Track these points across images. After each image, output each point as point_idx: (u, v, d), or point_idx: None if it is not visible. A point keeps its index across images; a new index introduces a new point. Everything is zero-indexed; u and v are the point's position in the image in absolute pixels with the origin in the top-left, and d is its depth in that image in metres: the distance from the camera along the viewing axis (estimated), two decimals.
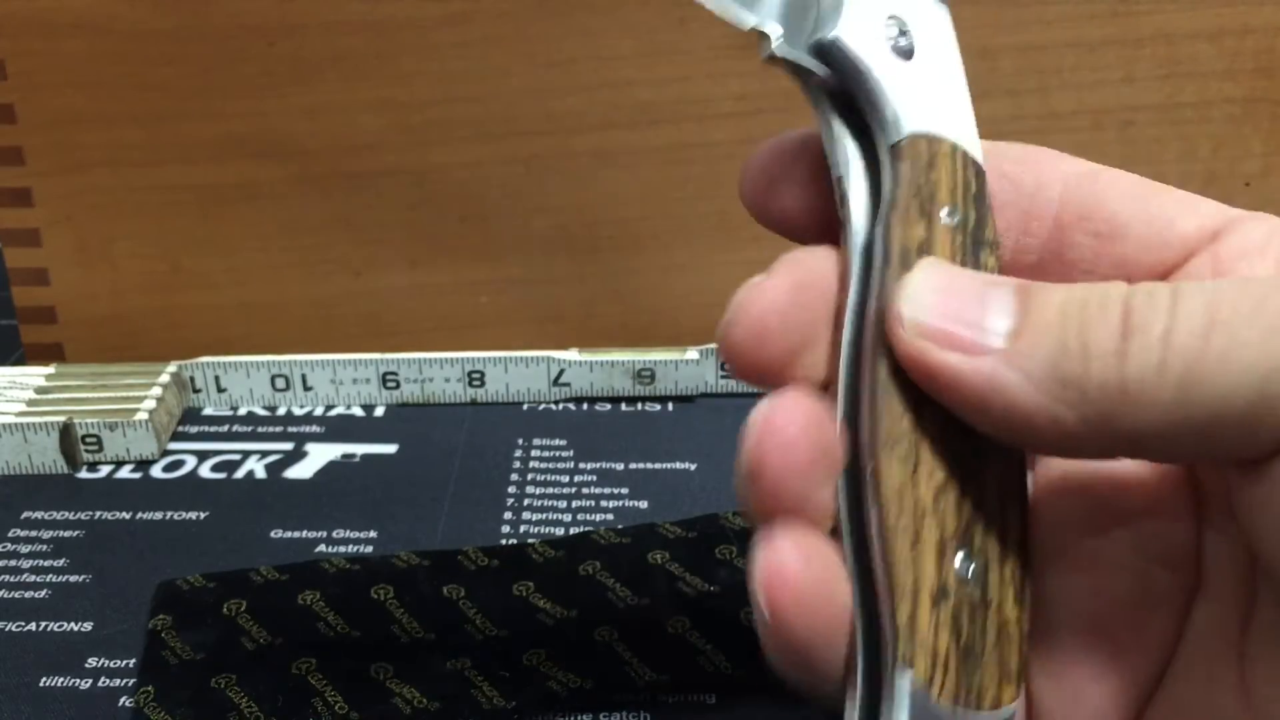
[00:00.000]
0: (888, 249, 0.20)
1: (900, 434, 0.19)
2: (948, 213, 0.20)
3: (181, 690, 0.32)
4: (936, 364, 0.18)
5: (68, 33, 0.43)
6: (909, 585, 0.19)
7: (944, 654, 0.19)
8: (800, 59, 0.21)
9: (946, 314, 0.19)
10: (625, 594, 0.35)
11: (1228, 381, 0.17)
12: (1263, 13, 0.44)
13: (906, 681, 0.19)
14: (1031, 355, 0.18)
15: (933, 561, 0.19)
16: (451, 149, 0.46)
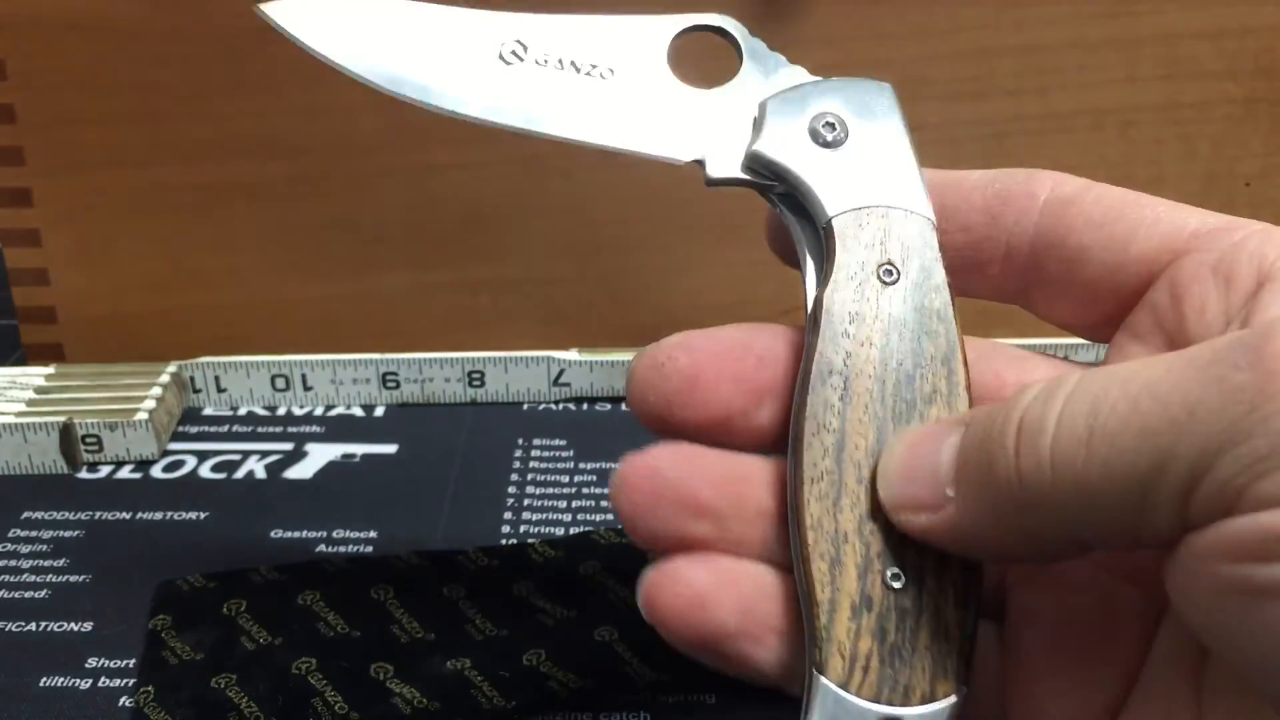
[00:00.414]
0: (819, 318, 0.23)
1: (820, 474, 0.22)
2: (885, 273, 0.24)
3: (181, 690, 0.32)
4: (915, 528, 0.21)
5: (68, 33, 0.43)
6: (826, 599, 0.22)
7: (864, 656, 0.22)
8: (735, 176, 0.26)
9: (908, 481, 0.21)
10: (625, 594, 0.35)
11: (1112, 488, 0.18)
12: (1263, 13, 0.44)
13: (820, 683, 0.22)
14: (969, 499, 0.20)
15: (854, 579, 0.22)
16: (452, 149, 0.46)
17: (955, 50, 0.44)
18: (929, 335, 0.23)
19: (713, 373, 0.23)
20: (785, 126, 0.25)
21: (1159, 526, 0.18)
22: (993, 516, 0.20)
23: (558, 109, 0.25)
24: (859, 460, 0.22)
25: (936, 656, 0.22)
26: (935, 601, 0.22)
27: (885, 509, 0.22)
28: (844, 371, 0.23)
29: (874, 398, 0.23)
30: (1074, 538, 0.19)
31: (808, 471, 0.22)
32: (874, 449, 0.23)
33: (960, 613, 0.22)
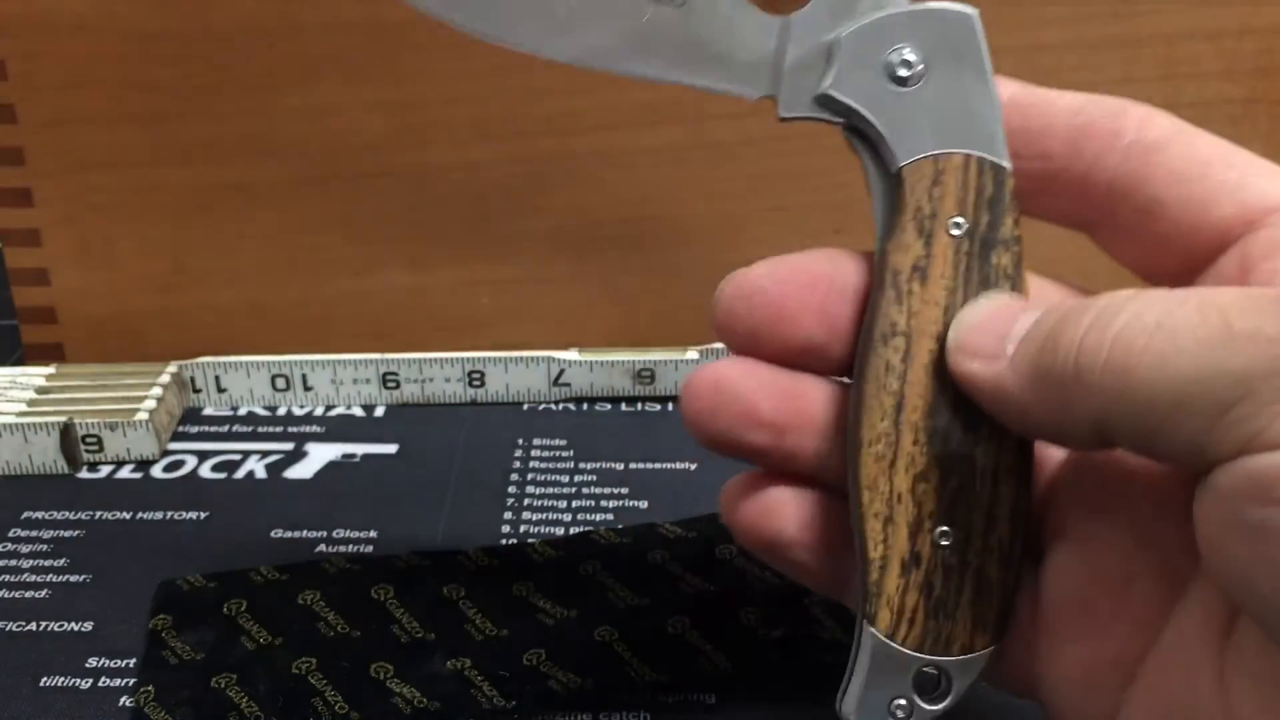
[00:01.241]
0: (882, 273, 0.23)
1: (878, 435, 0.23)
2: (955, 224, 0.23)
3: (182, 690, 0.32)
4: (962, 371, 0.22)
5: (68, 33, 0.43)
6: (879, 556, 0.23)
7: (911, 609, 0.23)
8: (808, 113, 0.24)
9: (978, 331, 0.22)
10: (625, 594, 0.35)
11: (1156, 381, 0.18)
12: (1262, 13, 0.44)
13: (869, 633, 0.23)
14: (1024, 356, 0.21)
15: (905, 537, 0.23)
16: (452, 149, 0.46)
17: None
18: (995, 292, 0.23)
19: (797, 305, 0.24)
20: (859, 63, 0.23)
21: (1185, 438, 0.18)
22: (1038, 384, 0.20)
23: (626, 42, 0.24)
24: (916, 422, 0.23)
25: (977, 611, 0.23)
26: (980, 560, 0.23)
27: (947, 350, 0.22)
28: (906, 332, 0.23)
29: (934, 359, 0.23)
30: (1104, 428, 0.20)
31: (866, 434, 0.23)
32: (931, 410, 0.23)
33: (1002, 571, 0.23)
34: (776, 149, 0.46)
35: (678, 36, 0.24)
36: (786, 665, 0.32)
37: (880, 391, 0.23)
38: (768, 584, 0.35)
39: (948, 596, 0.23)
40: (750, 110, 0.45)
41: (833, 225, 0.47)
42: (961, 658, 0.23)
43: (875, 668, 0.23)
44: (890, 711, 0.24)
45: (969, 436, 0.23)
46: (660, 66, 0.24)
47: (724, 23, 0.24)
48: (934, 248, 0.23)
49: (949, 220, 0.23)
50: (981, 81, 0.23)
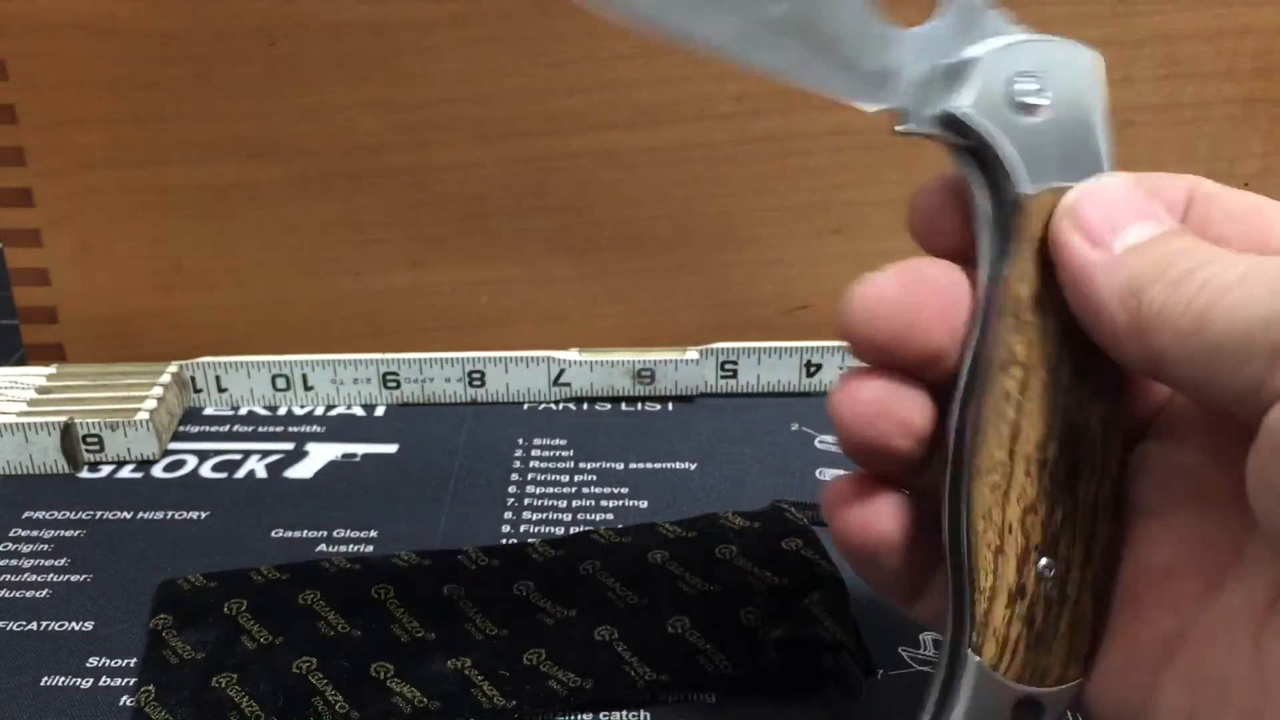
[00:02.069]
0: (1001, 301, 0.23)
1: (994, 465, 0.23)
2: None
3: (182, 689, 0.32)
4: (1063, 239, 0.23)
5: (69, 33, 0.43)
6: (988, 587, 0.23)
7: (1014, 641, 0.23)
8: (925, 131, 0.24)
9: (1097, 209, 0.23)
10: (625, 594, 0.35)
11: (1225, 325, 0.20)
12: (1261, 13, 0.44)
13: (974, 663, 0.23)
14: (1127, 264, 0.22)
15: (1014, 567, 0.23)
16: (452, 149, 0.46)
17: None
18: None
19: (931, 314, 0.24)
20: (985, 85, 0.23)
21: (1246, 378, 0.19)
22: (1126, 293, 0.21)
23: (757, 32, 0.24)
24: (1029, 454, 0.23)
25: (1072, 644, 0.24)
26: (1077, 592, 0.23)
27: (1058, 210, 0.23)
28: (1025, 363, 0.23)
29: (1049, 391, 0.23)
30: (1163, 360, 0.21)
31: (983, 462, 0.23)
32: (1043, 443, 0.23)
33: (1095, 604, 0.24)
34: (776, 149, 0.46)
35: (807, 34, 0.24)
36: (786, 665, 0.32)
37: (999, 420, 0.23)
38: (768, 584, 0.35)
39: (1047, 629, 0.23)
40: (750, 111, 0.46)
41: (832, 225, 0.47)
42: (1055, 689, 0.24)
43: (978, 698, 0.24)
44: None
45: (1074, 470, 0.23)
46: (785, 63, 0.24)
47: (851, 27, 0.24)
48: (1050, 278, 0.23)
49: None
50: (1101, 121, 0.24)
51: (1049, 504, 0.23)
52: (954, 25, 0.24)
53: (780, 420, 0.46)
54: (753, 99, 0.45)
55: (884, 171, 0.46)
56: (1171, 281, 0.21)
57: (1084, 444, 0.23)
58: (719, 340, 0.48)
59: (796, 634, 0.33)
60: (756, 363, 0.48)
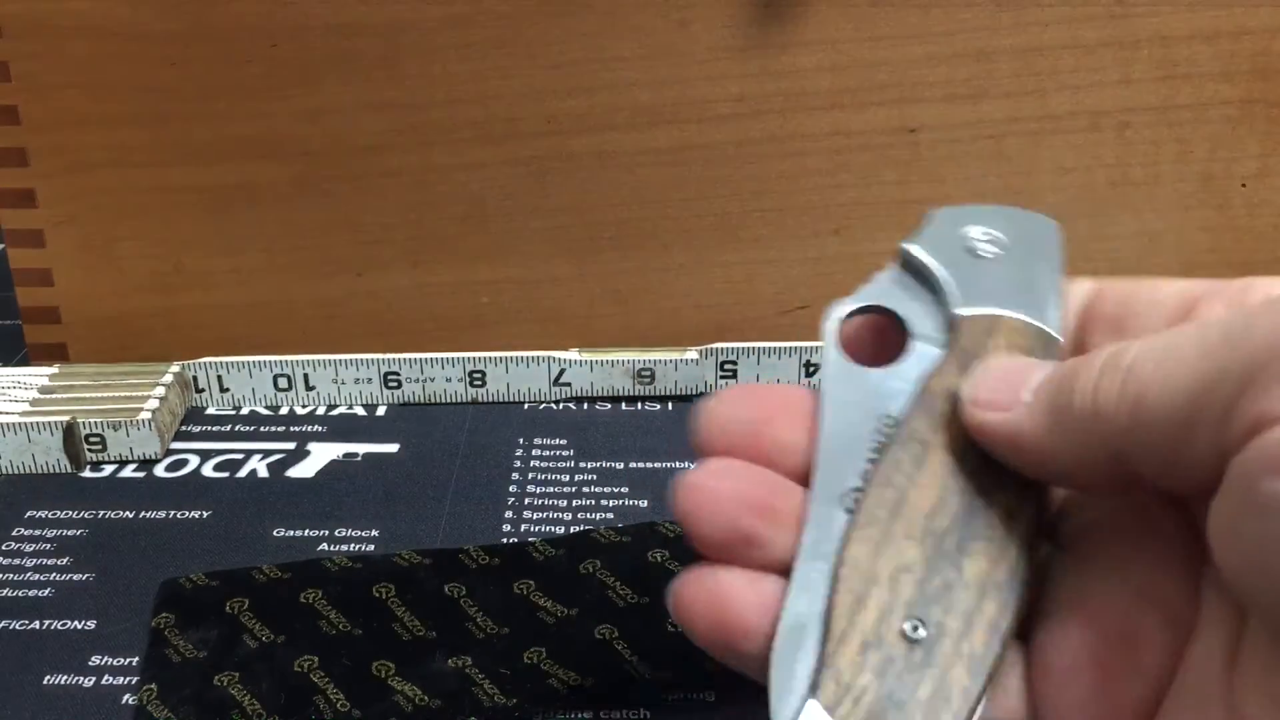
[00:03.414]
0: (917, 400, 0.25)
1: (873, 520, 0.23)
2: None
3: (184, 688, 0.32)
4: (978, 421, 0.23)
5: (71, 34, 0.44)
6: (840, 630, 0.23)
7: (859, 690, 0.22)
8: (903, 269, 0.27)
9: (992, 387, 0.23)
10: (625, 592, 0.35)
11: (1167, 398, 0.20)
12: (1259, 14, 0.44)
13: (811, 703, 0.23)
14: (1040, 402, 0.22)
15: (873, 619, 0.23)
16: (453, 150, 0.46)
17: (953, 52, 0.45)
18: None
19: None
20: (943, 233, 0.26)
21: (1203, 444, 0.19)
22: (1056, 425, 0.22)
23: None
24: (912, 520, 0.23)
25: (932, 712, 0.22)
26: (947, 663, 0.22)
27: (961, 405, 0.24)
28: (926, 441, 0.24)
29: (947, 469, 0.24)
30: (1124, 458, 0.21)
31: (863, 517, 0.23)
32: (931, 511, 0.23)
33: (967, 679, 0.22)
34: (776, 150, 0.46)
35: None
36: None
37: (885, 485, 0.24)
38: None
39: (902, 688, 0.22)
40: (750, 112, 0.46)
41: (832, 226, 0.47)
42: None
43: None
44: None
45: (964, 547, 0.23)
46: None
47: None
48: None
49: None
50: (1052, 271, 0.26)
51: (927, 569, 0.23)
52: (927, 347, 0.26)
53: None
54: (752, 100, 0.45)
55: (884, 172, 0.46)
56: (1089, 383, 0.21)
57: (980, 525, 0.23)
58: (719, 340, 0.48)
59: None
60: (756, 363, 0.48)
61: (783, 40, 0.44)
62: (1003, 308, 0.25)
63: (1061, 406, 0.21)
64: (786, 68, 0.44)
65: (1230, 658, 0.21)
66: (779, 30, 0.43)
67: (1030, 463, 0.23)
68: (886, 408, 0.25)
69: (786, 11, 0.43)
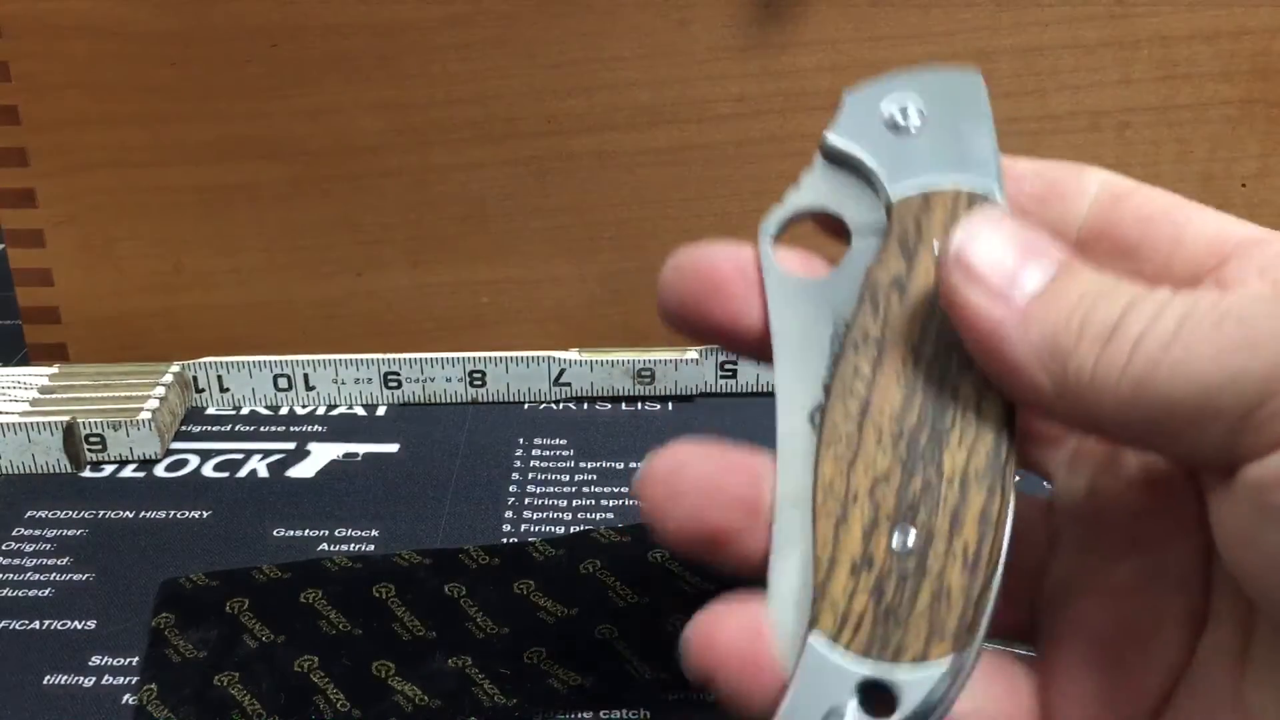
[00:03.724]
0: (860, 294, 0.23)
1: (839, 436, 0.23)
2: (939, 246, 0.23)
3: (184, 688, 0.32)
4: (961, 298, 0.21)
5: (71, 34, 0.44)
6: (827, 557, 0.22)
7: (857, 614, 0.22)
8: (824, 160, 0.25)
9: (985, 254, 0.21)
10: (625, 592, 0.35)
11: (1174, 389, 0.18)
12: (1259, 14, 0.44)
13: (811, 636, 0.22)
14: (1039, 321, 0.20)
15: (858, 537, 0.22)
16: (453, 150, 0.46)
17: (952, 52, 0.45)
18: None
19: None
20: (862, 115, 0.25)
21: (1211, 440, 0.18)
22: (1047, 357, 0.20)
23: None
24: (880, 425, 0.22)
25: (934, 619, 0.21)
26: (940, 566, 0.22)
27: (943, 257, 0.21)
28: (880, 340, 0.23)
29: (907, 365, 0.23)
30: (1104, 419, 0.19)
31: (827, 434, 0.23)
32: (898, 413, 0.22)
33: (967, 577, 0.22)
34: (775, 150, 0.46)
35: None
36: None
37: (846, 395, 0.23)
38: None
39: (900, 602, 0.22)
40: (750, 112, 0.46)
41: None
42: (910, 669, 0.21)
43: (813, 672, 0.22)
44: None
45: (939, 439, 0.22)
46: None
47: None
48: (916, 265, 0.23)
49: (933, 243, 0.23)
50: (982, 128, 0.24)
51: (905, 474, 0.22)
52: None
53: None
54: (752, 100, 0.45)
55: None
56: (1097, 338, 0.19)
57: (955, 414, 0.22)
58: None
59: None
60: (756, 363, 0.48)
61: (783, 40, 0.44)
62: (937, 179, 0.24)
63: (1060, 351, 0.20)
64: (786, 68, 0.44)
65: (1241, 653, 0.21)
66: (779, 30, 0.43)
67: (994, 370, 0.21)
68: (839, 315, 0.24)
69: (786, 11, 0.43)
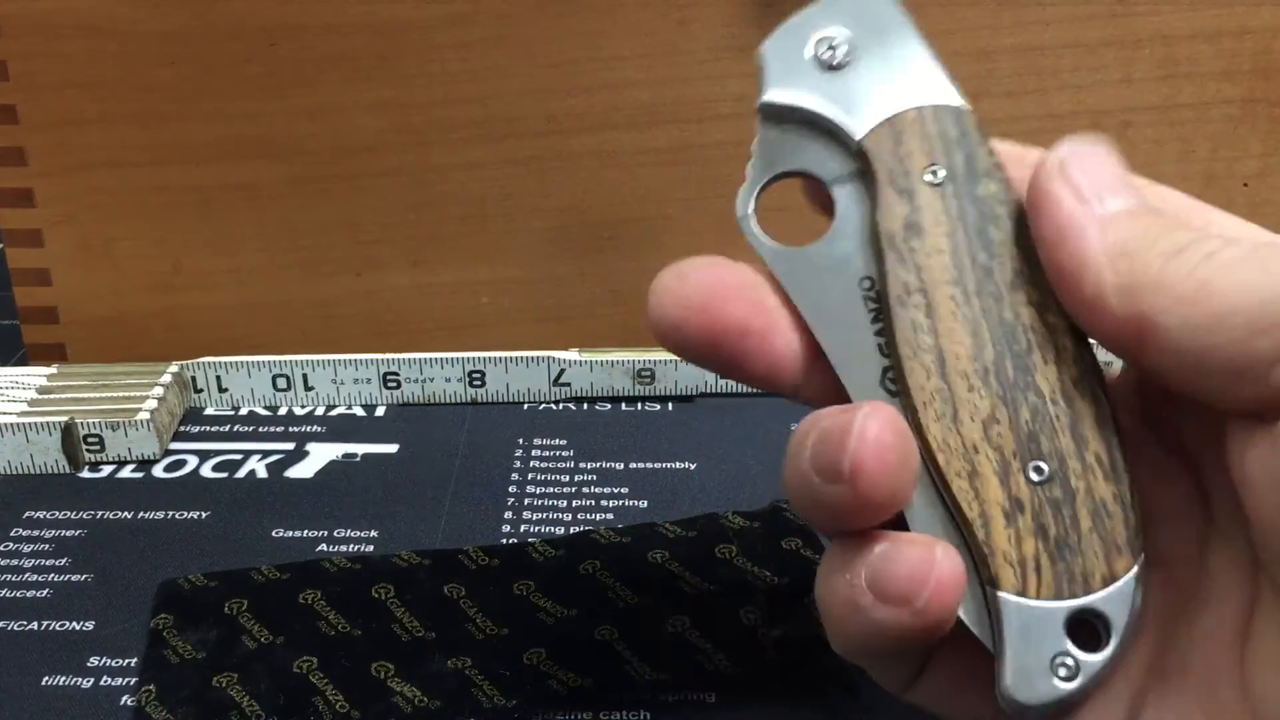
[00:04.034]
0: (879, 244, 0.23)
1: (930, 395, 0.22)
2: (931, 174, 0.23)
3: (183, 689, 0.32)
4: (1050, 190, 0.22)
5: (70, 34, 0.43)
6: (977, 515, 0.22)
7: (1032, 559, 0.21)
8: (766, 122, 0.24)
9: (1085, 170, 0.22)
10: (625, 593, 0.35)
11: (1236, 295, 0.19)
12: (1260, 14, 0.44)
13: (997, 599, 0.21)
14: (1118, 226, 0.21)
15: (996, 485, 0.22)
16: (452, 150, 0.46)
17: (953, 51, 0.44)
18: (993, 221, 0.23)
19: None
20: (788, 64, 0.24)
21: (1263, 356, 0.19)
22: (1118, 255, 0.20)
23: None
24: (963, 369, 0.22)
25: (1104, 535, 0.21)
26: (1084, 483, 0.22)
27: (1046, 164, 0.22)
28: (921, 287, 0.23)
29: (959, 302, 0.22)
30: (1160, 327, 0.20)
31: (918, 396, 0.22)
32: (974, 353, 0.22)
33: (1112, 485, 0.22)
34: None
35: None
36: (786, 665, 0.32)
37: (917, 352, 0.22)
38: (767, 584, 0.35)
39: (1065, 532, 0.21)
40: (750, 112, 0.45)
41: None
42: (1106, 591, 0.21)
43: (1019, 632, 0.21)
44: (1053, 672, 0.21)
45: (1025, 363, 0.22)
46: None
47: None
48: (918, 200, 0.23)
49: (923, 173, 0.23)
50: (911, 41, 0.24)
51: (1010, 408, 0.22)
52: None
53: (780, 420, 0.46)
54: (752, 100, 0.45)
55: None
56: (1169, 251, 0.20)
57: (1025, 334, 0.22)
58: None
59: (796, 634, 0.33)
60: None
61: None
62: (893, 104, 0.23)
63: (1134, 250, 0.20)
64: None
65: (1241, 632, 0.21)
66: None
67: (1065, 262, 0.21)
68: (855, 271, 0.23)
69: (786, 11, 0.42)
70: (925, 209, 0.23)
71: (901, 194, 0.23)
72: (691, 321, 0.23)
